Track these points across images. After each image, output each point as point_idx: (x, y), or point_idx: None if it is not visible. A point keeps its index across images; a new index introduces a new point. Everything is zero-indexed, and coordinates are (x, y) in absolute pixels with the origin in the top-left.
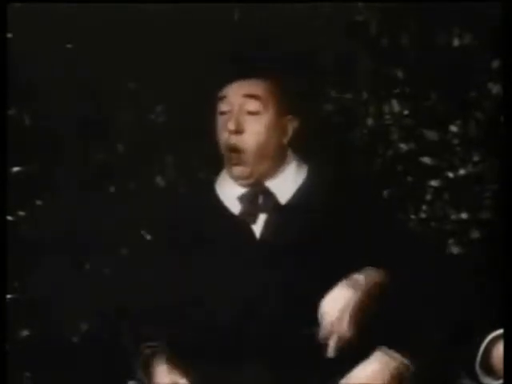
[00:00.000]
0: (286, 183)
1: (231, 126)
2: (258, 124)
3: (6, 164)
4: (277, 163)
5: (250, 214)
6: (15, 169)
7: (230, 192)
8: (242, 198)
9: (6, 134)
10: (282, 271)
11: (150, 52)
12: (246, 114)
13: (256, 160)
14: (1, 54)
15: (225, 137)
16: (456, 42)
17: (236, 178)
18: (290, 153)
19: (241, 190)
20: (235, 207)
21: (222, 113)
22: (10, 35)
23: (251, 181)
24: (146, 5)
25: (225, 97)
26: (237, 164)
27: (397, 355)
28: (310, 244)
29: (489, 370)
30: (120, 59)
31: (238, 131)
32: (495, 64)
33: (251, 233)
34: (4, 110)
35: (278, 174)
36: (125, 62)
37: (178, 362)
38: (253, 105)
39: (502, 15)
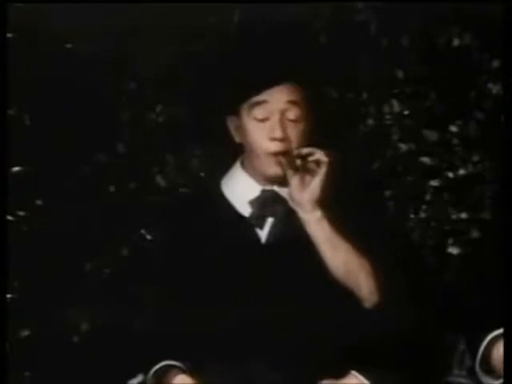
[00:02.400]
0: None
1: (278, 134)
2: (298, 130)
3: (6, 164)
4: None
5: (259, 218)
6: (15, 169)
7: (243, 193)
8: (253, 202)
9: (6, 133)
10: (285, 274)
11: (150, 52)
12: (287, 121)
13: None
14: (1, 54)
15: (266, 145)
16: (456, 42)
17: (270, 179)
18: None
19: (254, 193)
20: (245, 209)
21: (259, 119)
22: (9, 35)
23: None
24: (146, 5)
25: (264, 102)
26: (278, 166)
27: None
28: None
29: (489, 370)
30: (120, 59)
31: (284, 139)
32: (495, 64)
33: (256, 235)
34: (4, 109)
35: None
36: (125, 62)
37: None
38: (294, 112)
39: (502, 15)
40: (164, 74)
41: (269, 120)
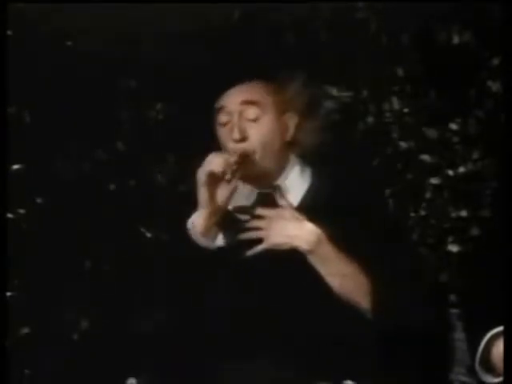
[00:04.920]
0: (295, 185)
1: (236, 135)
2: (260, 129)
3: (6, 162)
4: (281, 164)
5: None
6: (15, 166)
7: (240, 197)
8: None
9: (6, 131)
10: (285, 274)
11: (150, 51)
12: (247, 121)
13: (264, 160)
14: (1, 52)
15: (231, 146)
16: (456, 40)
17: (245, 180)
18: (292, 155)
19: (251, 197)
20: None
21: (223, 124)
22: (9, 34)
23: (260, 182)
24: (146, 5)
25: (223, 107)
26: (247, 167)
27: None
28: None
29: (488, 368)
30: (120, 59)
31: (243, 139)
32: (495, 62)
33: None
34: (4, 107)
35: (284, 175)
36: (125, 61)
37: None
38: (252, 112)
39: (502, 13)
40: (164, 72)
41: (230, 123)
